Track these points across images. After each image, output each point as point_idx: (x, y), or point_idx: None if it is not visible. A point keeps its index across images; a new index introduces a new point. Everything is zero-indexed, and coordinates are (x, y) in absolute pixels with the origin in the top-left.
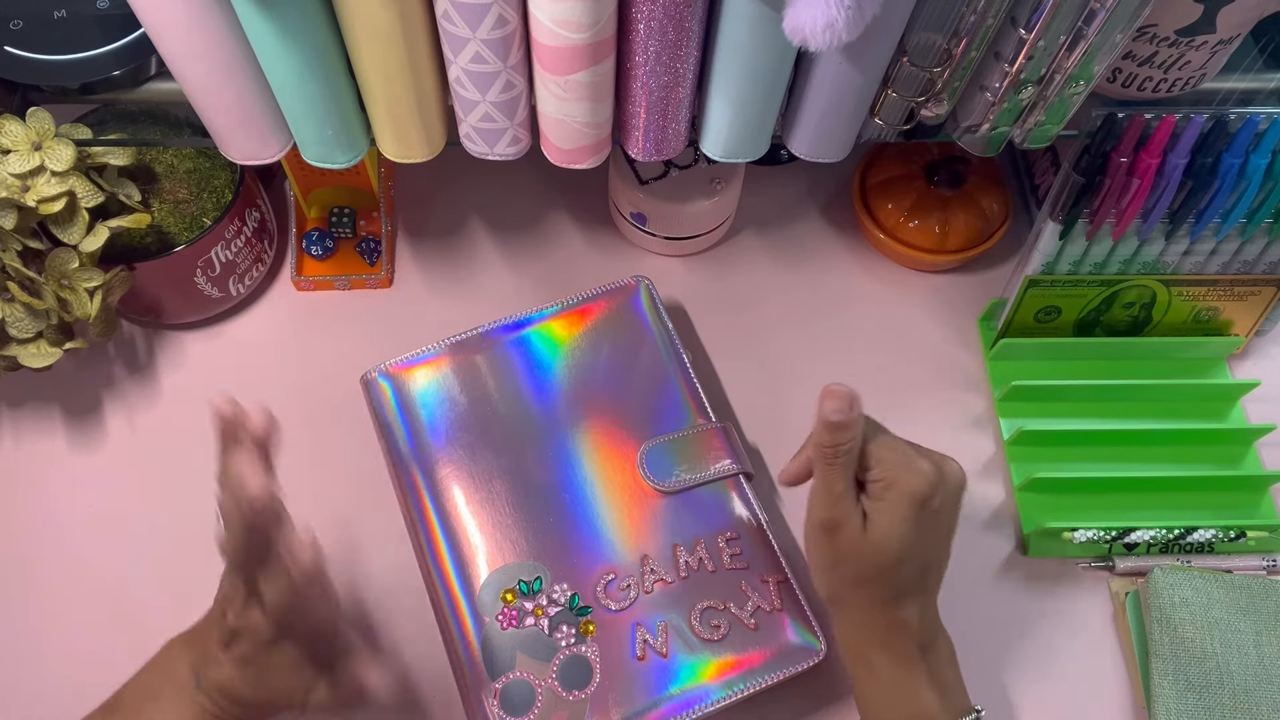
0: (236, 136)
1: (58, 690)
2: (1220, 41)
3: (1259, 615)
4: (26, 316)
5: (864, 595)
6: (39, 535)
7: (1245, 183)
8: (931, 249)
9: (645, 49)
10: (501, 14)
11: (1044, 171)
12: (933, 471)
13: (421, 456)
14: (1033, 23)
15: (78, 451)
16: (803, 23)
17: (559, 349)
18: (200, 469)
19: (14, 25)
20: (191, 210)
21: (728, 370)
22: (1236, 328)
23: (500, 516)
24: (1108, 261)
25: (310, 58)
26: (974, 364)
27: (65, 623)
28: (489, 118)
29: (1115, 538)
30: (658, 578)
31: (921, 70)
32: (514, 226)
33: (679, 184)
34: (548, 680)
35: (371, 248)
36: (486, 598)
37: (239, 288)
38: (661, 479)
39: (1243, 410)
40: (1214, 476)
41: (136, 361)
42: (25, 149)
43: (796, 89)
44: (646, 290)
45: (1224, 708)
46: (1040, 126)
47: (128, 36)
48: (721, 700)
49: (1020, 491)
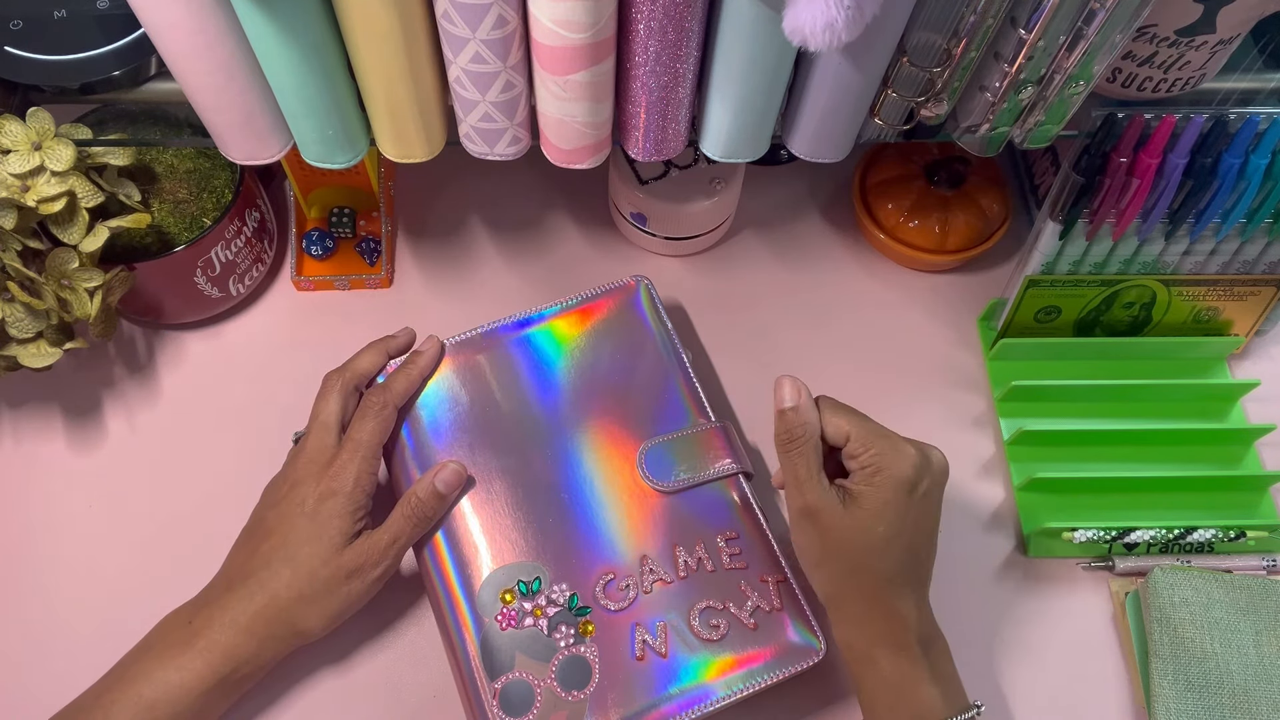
0: (236, 136)
1: (58, 690)
2: (1220, 41)
3: (1259, 615)
4: (26, 316)
5: (858, 586)
6: (39, 535)
7: (1245, 183)
8: (931, 249)
9: (645, 49)
10: (501, 14)
11: (1044, 171)
12: (919, 456)
13: (422, 456)
14: (1033, 23)
15: (78, 451)
16: (803, 23)
17: (562, 349)
18: (200, 469)
19: (14, 25)
20: (191, 210)
21: (728, 370)
22: (1236, 328)
23: (500, 517)
24: (1108, 261)
25: (310, 58)
26: (974, 364)
27: (65, 622)
28: (489, 118)
29: (1115, 538)
30: (657, 578)
31: (921, 70)
32: (514, 226)
33: (679, 184)
34: (547, 680)
35: (371, 248)
36: (486, 598)
37: (239, 288)
38: (661, 479)
39: (1243, 410)
40: (1214, 476)
41: (136, 361)
42: (25, 149)
43: (796, 89)
44: (646, 290)
45: (1224, 708)
46: (1040, 126)
47: (128, 36)
48: (721, 700)
49: (1020, 491)
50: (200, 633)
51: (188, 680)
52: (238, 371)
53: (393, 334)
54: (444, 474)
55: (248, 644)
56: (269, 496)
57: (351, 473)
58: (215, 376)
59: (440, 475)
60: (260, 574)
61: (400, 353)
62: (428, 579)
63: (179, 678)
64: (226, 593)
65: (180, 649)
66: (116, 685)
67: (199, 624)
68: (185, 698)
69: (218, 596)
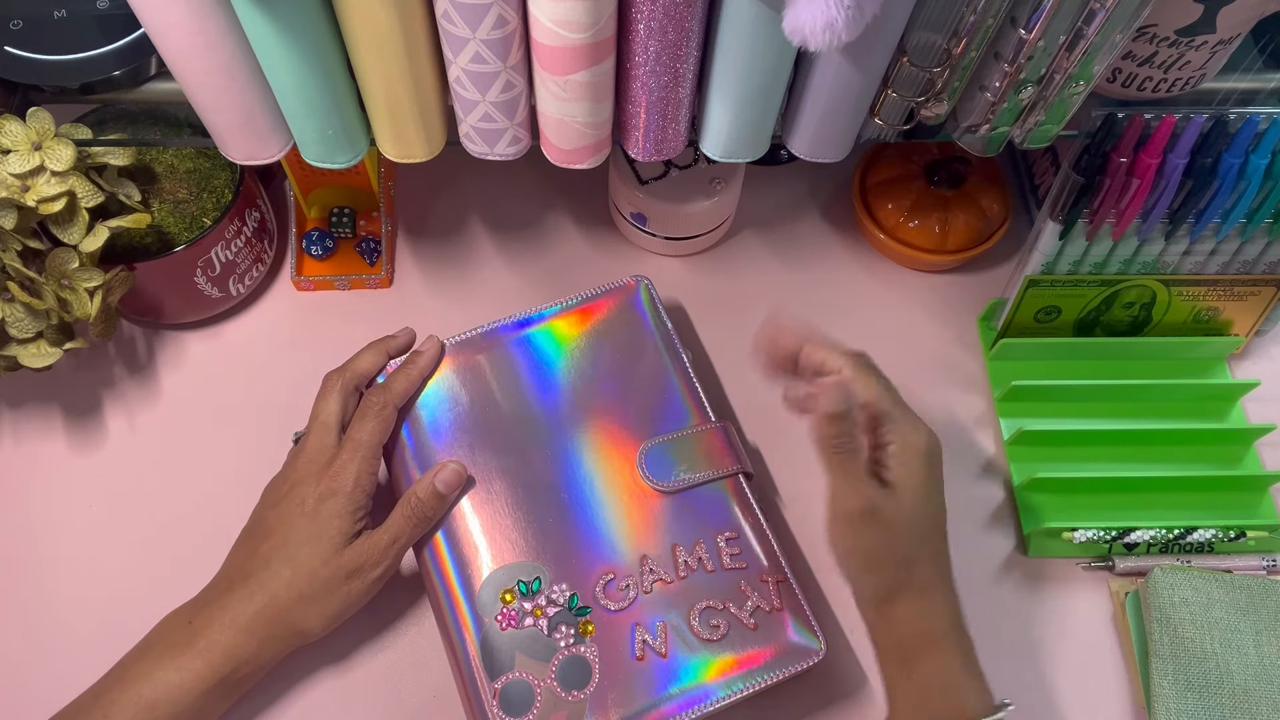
0: (236, 136)
1: (58, 690)
2: (1220, 41)
3: (1259, 615)
4: (26, 316)
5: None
6: (39, 535)
7: (1245, 183)
8: (931, 249)
9: (645, 49)
10: (501, 14)
11: (1044, 171)
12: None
13: (422, 456)
14: (1033, 23)
15: (78, 451)
16: (803, 23)
17: (562, 349)
18: (200, 469)
19: (14, 25)
20: (191, 210)
21: (728, 370)
22: (1236, 328)
23: (500, 516)
24: (1108, 261)
25: (310, 58)
26: (974, 364)
27: (65, 622)
28: (489, 118)
29: (1115, 538)
30: (657, 578)
31: (921, 70)
32: (514, 226)
33: (679, 184)
34: (547, 680)
35: (371, 248)
36: (486, 598)
37: (239, 288)
38: (661, 479)
39: (1243, 410)
40: (1214, 476)
41: (136, 361)
42: (25, 149)
43: (796, 89)
44: (646, 290)
45: (1224, 708)
46: (1040, 126)
47: (128, 36)
48: (721, 700)
49: (1020, 491)
50: (200, 633)
51: (188, 680)
52: (238, 371)
53: (393, 334)
54: (444, 474)
55: (248, 644)
56: (269, 496)
57: (351, 473)
58: (215, 376)
59: (440, 475)
60: (260, 574)
61: (400, 353)
62: (428, 579)
63: (179, 678)
64: (226, 593)
65: (180, 649)
66: (116, 685)
67: (199, 624)
68: (185, 698)
69: (218, 596)
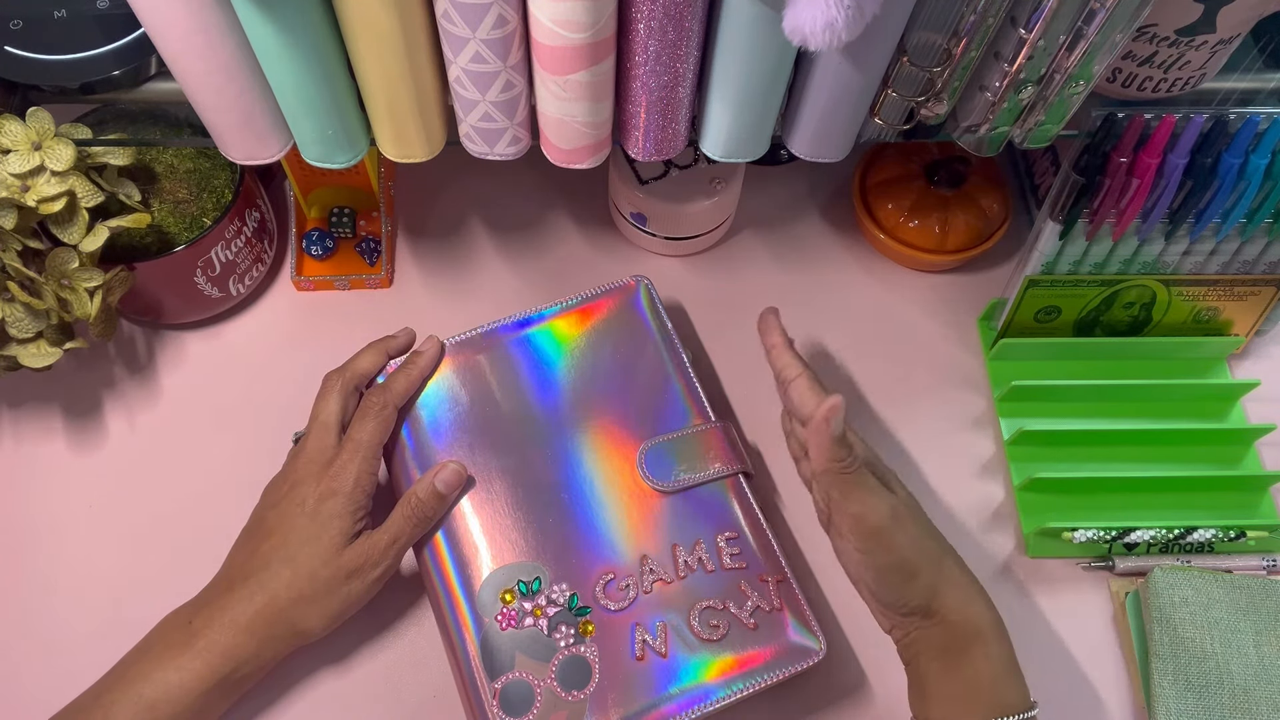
0: (236, 136)
1: (58, 690)
2: (1220, 41)
3: (1259, 615)
4: (26, 316)
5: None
6: (39, 535)
7: (1245, 183)
8: (931, 249)
9: (645, 49)
10: (501, 14)
11: (1044, 171)
12: None
13: (422, 456)
14: (1033, 23)
15: (78, 451)
16: (803, 23)
17: (562, 349)
18: (200, 469)
19: (14, 25)
20: (191, 210)
21: (728, 370)
22: (1236, 328)
23: (500, 517)
24: (1108, 261)
25: (310, 58)
26: (974, 364)
27: (65, 622)
28: (489, 118)
29: (1115, 538)
30: (657, 578)
31: (921, 70)
32: (514, 226)
33: (679, 184)
34: (547, 680)
35: (371, 248)
36: (486, 598)
37: (239, 288)
38: (661, 479)
39: (1243, 410)
40: (1214, 476)
41: (136, 361)
42: (25, 149)
43: (796, 89)
44: (646, 290)
45: (1224, 708)
46: (1040, 126)
47: (128, 36)
48: (721, 700)
49: (1020, 491)
50: (200, 633)
51: (188, 680)
52: (237, 371)
53: (393, 334)
54: (444, 474)
55: (248, 644)
56: (269, 496)
57: (351, 473)
58: (215, 376)
59: (440, 475)
60: (260, 574)
61: (400, 353)
62: (428, 579)
63: (179, 678)
64: (226, 593)
65: (180, 649)
66: (116, 685)
67: (199, 624)
68: (185, 698)
69: (218, 597)
